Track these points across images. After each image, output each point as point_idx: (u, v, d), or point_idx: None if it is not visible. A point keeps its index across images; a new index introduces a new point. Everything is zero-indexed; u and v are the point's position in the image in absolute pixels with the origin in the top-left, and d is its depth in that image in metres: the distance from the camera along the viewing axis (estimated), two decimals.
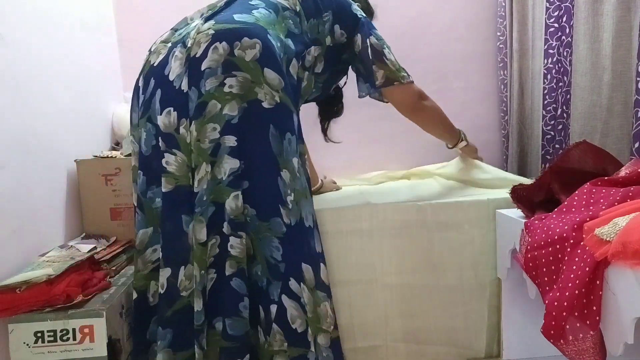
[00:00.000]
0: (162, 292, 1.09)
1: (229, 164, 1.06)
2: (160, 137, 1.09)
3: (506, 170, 1.85)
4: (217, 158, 1.06)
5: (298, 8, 1.22)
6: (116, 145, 1.71)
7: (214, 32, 1.07)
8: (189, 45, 1.07)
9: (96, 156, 1.47)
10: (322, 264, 1.17)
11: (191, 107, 1.06)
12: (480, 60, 1.90)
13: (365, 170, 1.90)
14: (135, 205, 1.16)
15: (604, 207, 0.91)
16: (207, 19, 1.13)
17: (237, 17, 1.11)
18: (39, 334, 1.04)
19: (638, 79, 1.14)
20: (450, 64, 1.89)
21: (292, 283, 1.11)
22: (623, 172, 1.02)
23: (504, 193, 1.26)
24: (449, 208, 1.34)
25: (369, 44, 1.29)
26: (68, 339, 1.04)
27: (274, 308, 1.10)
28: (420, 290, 1.36)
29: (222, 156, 1.06)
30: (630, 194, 0.90)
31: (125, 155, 1.45)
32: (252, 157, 1.08)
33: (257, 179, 1.08)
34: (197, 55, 1.06)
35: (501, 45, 1.82)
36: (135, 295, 1.15)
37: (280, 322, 1.10)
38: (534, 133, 1.65)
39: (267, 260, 1.10)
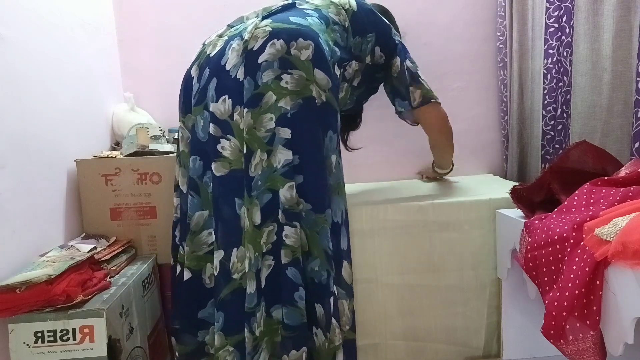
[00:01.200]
0: (216, 274, 1.14)
1: (284, 155, 1.11)
2: (214, 124, 1.15)
3: (506, 171, 1.86)
4: (272, 147, 1.12)
5: (347, 24, 1.29)
6: (116, 145, 1.71)
7: (271, 29, 1.14)
8: (246, 38, 1.14)
9: (96, 156, 1.47)
10: (345, 262, 1.21)
11: (246, 96, 1.12)
12: (480, 60, 1.90)
13: (365, 172, 1.90)
14: (186, 189, 1.22)
15: (604, 207, 0.91)
16: (264, 17, 1.20)
17: (292, 19, 1.19)
18: (39, 334, 1.04)
19: (638, 79, 1.14)
20: (450, 64, 1.89)
21: (336, 276, 1.17)
22: (623, 172, 1.02)
23: (504, 193, 1.26)
24: (449, 208, 1.34)
25: (405, 67, 1.39)
26: (68, 339, 1.04)
27: (332, 300, 1.14)
28: (421, 289, 1.36)
29: (277, 146, 1.12)
30: (630, 194, 0.90)
31: (125, 155, 1.45)
32: (305, 152, 1.13)
33: (310, 174, 1.14)
34: (254, 49, 1.13)
35: (501, 45, 1.82)
36: (188, 275, 1.19)
37: (337, 315, 1.16)
38: (533, 133, 1.65)
39: (325, 252, 1.14)
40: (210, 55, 1.20)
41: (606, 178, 1.01)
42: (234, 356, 1.13)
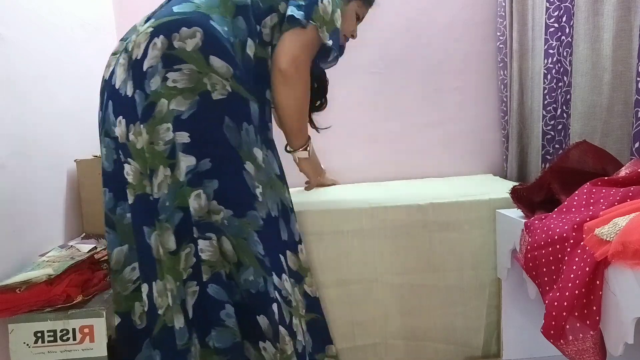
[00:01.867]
0: (146, 310, 1.06)
1: (185, 162, 1.01)
2: (119, 149, 1.06)
3: (506, 171, 1.86)
4: (175, 159, 1.01)
5: None
6: None
7: (152, 29, 1.02)
8: (129, 49, 1.04)
9: (96, 156, 1.46)
10: (288, 252, 1.16)
11: (139, 111, 1.01)
12: (480, 60, 1.90)
13: (365, 172, 1.90)
14: (105, 225, 1.12)
15: (604, 207, 0.91)
16: (147, 19, 1.10)
17: (175, 8, 1.05)
18: (39, 334, 1.04)
19: (638, 79, 1.14)
20: (450, 64, 1.89)
21: (276, 278, 1.09)
22: (623, 172, 1.02)
23: (504, 193, 1.26)
24: (449, 208, 1.34)
25: None
26: (68, 339, 1.04)
27: (275, 307, 1.06)
28: (420, 289, 1.36)
29: (177, 154, 1.01)
30: (630, 194, 0.90)
31: None
32: (214, 153, 1.03)
33: (224, 176, 1.04)
34: (138, 57, 1.02)
35: (501, 45, 1.82)
36: (118, 320, 1.09)
37: (283, 322, 1.08)
38: (533, 133, 1.65)
39: (256, 258, 1.05)
40: (106, 79, 1.11)
41: (606, 178, 1.01)
42: None
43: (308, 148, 1.34)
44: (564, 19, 1.45)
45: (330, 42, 1.15)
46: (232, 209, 1.04)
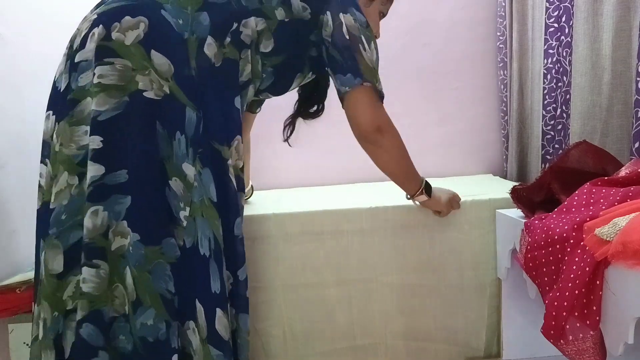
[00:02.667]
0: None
1: (92, 171, 0.85)
2: (43, 147, 0.95)
3: (506, 171, 1.86)
4: (85, 168, 0.86)
5: None
6: None
7: (96, 16, 0.90)
8: (73, 38, 0.94)
9: None
10: (218, 310, 0.91)
11: (61, 105, 0.91)
12: (480, 60, 1.90)
13: (365, 172, 1.90)
14: None
15: (604, 207, 0.91)
16: (98, 6, 0.96)
17: None
18: None
19: (638, 79, 1.14)
20: (450, 64, 1.89)
21: (179, 324, 0.89)
22: (623, 172, 1.02)
23: (504, 193, 1.26)
24: None
25: (343, 22, 1.02)
26: None
27: (175, 359, 0.87)
28: (421, 289, 1.36)
29: (89, 162, 0.86)
30: (630, 194, 0.90)
31: None
32: (135, 164, 0.86)
33: (139, 192, 0.86)
34: (76, 48, 0.91)
35: (501, 45, 1.82)
36: None
37: None
38: (533, 133, 1.65)
39: (162, 297, 0.86)
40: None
41: (606, 178, 1.01)
42: None
43: (424, 190, 1.23)
44: (564, 18, 1.45)
45: (381, 88, 1.10)
46: (139, 233, 0.86)
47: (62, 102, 0.91)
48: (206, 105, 0.93)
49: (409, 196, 1.28)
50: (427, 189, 1.24)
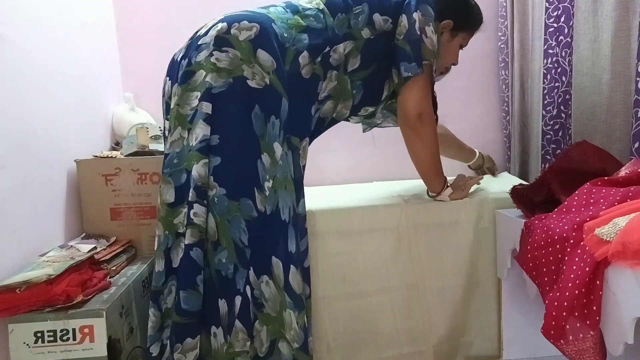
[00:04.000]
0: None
1: (202, 130, 1.06)
2: (165, 106, 1.18)
3: (509, 171, 1.85)
4: (193, 125, 1.07)
5: (322, 6, 1.20)
6: (116, 145, 1.71)
7: (222, 17, 1.13)
8: (198, 31, 1.16)
9: (96, 156, 1.46)
10: (292, 266, 1.09)
11: (179, 75, 1.11)
12: (481, 60, 1.90)
13: (365, 172, 1.90)
14: None
15: (604, 207, 0.91)
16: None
17: (251, 9, 1.17)
18: (39, 334, 1.04)
19: (638, 79, 1.14)
20: None
21: (253, 275, 1.06)
22: (623, 172, 1.02)
23: (504, 193, 1.26)
24: (450, 208, 1.34)
25: (416, 19, 1.20)
26: (68, 339, 1.04)
27: (238, 300, 1.05)
28: (421, 289, 1.36)
29: (197, 122, 1.06)
30: (630, 194, 0.90)
31: (125, 155, 1.45)
32: (230, 132, 1.07)
33: (231, 156, 1.07)
34: (200, 34, 1.13)
35: (502, 45, 1.82)
36: None
37: (243, 318, 1.05)
38: (533, 133, 1.66)
39: (235, 244, 1.06)
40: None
41: (606, 178, 1.01)
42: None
43: (447, 186, 1.35)
44: (563, 19, 1.45)
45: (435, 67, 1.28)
46: (225, 188, 1.06)
47: (178, 72, 1.12)
48: (292, 102, 1.13)
49: (432, 194, 1.36)
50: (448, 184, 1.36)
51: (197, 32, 1.16)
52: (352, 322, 1.35)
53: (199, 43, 1.11)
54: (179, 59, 1.14)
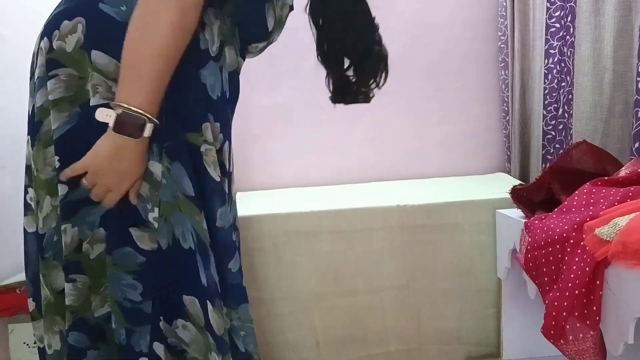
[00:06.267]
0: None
1: (59, 191, 0.83)
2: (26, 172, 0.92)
3: (509, 171, 1.85)
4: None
5: None
6: None
7: (42, 29, 0.86)
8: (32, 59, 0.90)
9: None
10: (209, 303, 0.87)
11: (29, 129, 0.87)
12: (481, 60, 1.90)
13: (365, 172, 1.90)
14: None
15: (604, 207, 0.90)
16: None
17: None
18: None
19: (639, 78, 1.14)
20: (451, 64, 1.88)
21: (164, 324, 0.86)
22: (623, 172, 1.02)
23: (504, 193, 1.26)
24: (449, 208, 1.34)
25: None
26: None
27: None
28: (421, 289, 1.36)
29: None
30: (630, 194, 0.90)
31: None
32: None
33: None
34: (33, 68, 0.88)
35: (502, 45, 1.82)
36: None
37: None
38: (534, 133, 1.65)
39: (120, 305, 0.85)
40: None
41: (606, 178, 1.01)
42: None
43: (125, 109, 0.76)
44: (565, 18, 1.45)
45: None
46: (106, 242, 0.85)
47: (31, 126, 0.87)
48: (167, 92, 0.80)
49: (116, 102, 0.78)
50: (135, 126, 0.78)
51: (32, 61, 0.89)
52: (341, 319, 1.36)
53: (35, 80, 0.85)
54: (29, 111, 0.88)
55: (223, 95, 0.90)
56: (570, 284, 0.83)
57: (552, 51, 1.52)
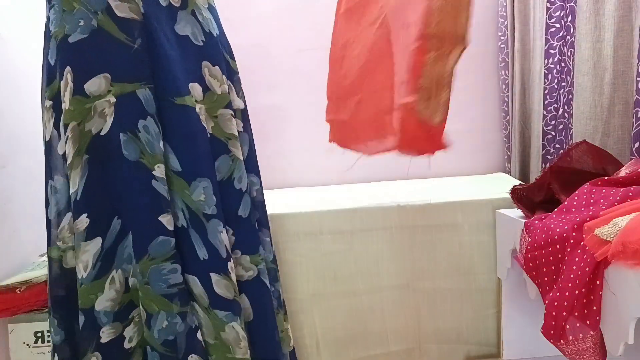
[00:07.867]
0: None
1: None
2: None
3: (509, 171, 1.85)
4: None
5: None
6: None
7: None
8: None
9: None
10: (213, 274, 0.90)
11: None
12: (481, 60, 1.90)
13: (365, 172, 1.89)
14: None
15: (604, 207, 0.90)
16: None
17: None
18: (39, 334, 1.04)
19: (639, 78, 1.14)
20: None
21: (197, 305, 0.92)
22: (623, 172, 1.02)
23: (504, 193, 1.26)
24: (449, 208, 1.34)
25: None
26: None
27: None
28: (421, 290, 1.36)
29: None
30: (630, 194, 0.90)
31: None
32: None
33: None
34: None
35: (502, 45, 1.82)
36: None
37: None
38: (534, 133, 1.65)
39: (164, 296, 0.89)
40: None
41: (606, 178, 1.01)
42: None
43: None
44: (565, 18, 1.45)
45: None
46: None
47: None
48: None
49: None
50: None
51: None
52: (342, 319, 1.36)
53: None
54: None
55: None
56: (570, 284, 0.83)
57: (552, 51, 1.52)
